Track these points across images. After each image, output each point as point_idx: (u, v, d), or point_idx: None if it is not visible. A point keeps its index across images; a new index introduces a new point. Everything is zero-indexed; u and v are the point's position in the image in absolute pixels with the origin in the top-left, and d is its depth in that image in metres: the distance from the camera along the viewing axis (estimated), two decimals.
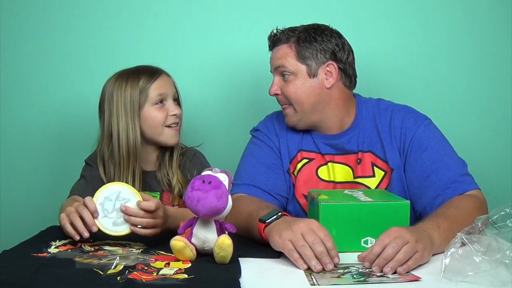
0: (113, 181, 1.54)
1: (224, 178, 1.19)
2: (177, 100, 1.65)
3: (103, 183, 1.59)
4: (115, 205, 1.31)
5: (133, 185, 1.51)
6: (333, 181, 1.54)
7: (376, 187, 1.51)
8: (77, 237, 1.29)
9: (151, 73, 1.60)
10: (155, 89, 1.58)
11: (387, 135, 1.53)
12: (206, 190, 1.15)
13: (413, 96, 1.95)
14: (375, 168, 1.53)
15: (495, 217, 1.12)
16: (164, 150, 1.65)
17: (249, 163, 1.58)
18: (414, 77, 2.00)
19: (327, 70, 1.52)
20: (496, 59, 1.99)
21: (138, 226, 1.30)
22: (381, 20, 1.98)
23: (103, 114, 1.60)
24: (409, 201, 1.30)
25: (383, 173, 1.52)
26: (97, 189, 1.38)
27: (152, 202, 1.31)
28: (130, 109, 1.56)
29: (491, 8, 1.98)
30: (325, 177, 1.55)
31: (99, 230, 1.30)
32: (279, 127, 1.62)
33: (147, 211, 1.30)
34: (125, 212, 1.29)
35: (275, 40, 1.57)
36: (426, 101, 1.91)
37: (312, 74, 1.52)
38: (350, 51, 1.57)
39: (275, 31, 1.57)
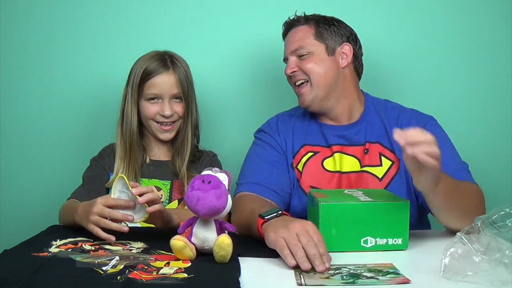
0: (125, 160, 1.64)
1: (223, 178, 1.19)
2: (179, 99, 1.65)
3: (100, 183, 1.61)
4: (129, 196, 1.32)
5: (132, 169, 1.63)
6: (339, 171, 1.56)
7: (383, 176, 1.54)
8: (113, 238, 1.30)
9: (154, 69, 1.63)
10: (149, 87, 1.63)
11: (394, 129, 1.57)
12: (205, 190, 1.16)
13: (413, 95, 1.96)
14: (382, 157, 1.56)
15: (495, 217, 1.11)
16: (175, 140, 1.69)
17: (252, 162, 1.60)
18: (414, 77, 2.01)
19: (342, 52, 1.61)
20: (497, 59, 1.99)
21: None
22: (381, 20, 1.98)
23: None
24: (409, 201, 1.29)
25: (391, 162, 1.55)
26: (92, 189, 1.56)
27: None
28: (131, 97, 1.64)
29: (489, 9, 1.98)
30: (331, 168, 1.57)
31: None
32: (283, 126, 1.65)
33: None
34: (139, 193, 1.30)
35: (293, 22, 1.64)
36: (426, 101, 1.92)
37: (329, 53, 1.59)
38: (361, 46, 1.65)
39: (291, 17, 1.65)
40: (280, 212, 1.27)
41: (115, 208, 1.31)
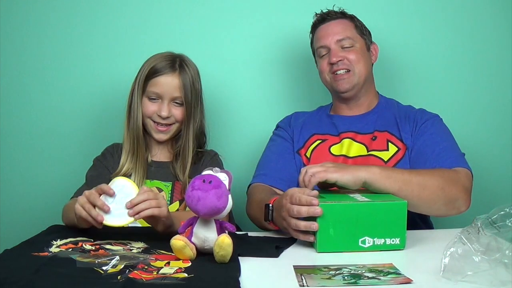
0: (131, 155, 1.65)
1: (224, 178, 1.19)
2: (179, 103, 1.65)
3: (104, 182, 1.61)
4: (115, 198, 1.30)
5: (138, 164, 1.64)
6: (344, 155, 1.63)
7: (389, 160, 1.59)
8: (99, 225, 1.29)
9: (161, 68, 1.63)
10: (152, 85, 1.63)
11: (402, 121, 1.66)
12: (206, 190, 1.16)
13: (416, 96, 1.97)
14: (389, 143, 1.63)
15: (495, 217, 1.11)
16: (175, 142, 1.69)
17: (264, 155, 1.72)
18: (417, 77, 2.01)
19: (372, 50, 1.75)
20: (500, 60, 2.00)
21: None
22: (385, 21, 1.98)
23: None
24: (406, 201, 1.29)
25: (397, 148, 1.62)
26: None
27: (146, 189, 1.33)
28: (137, 92, 1.64)
29: (493, 10, 1.99)
30: (337, 153, 1.65)
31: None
32: (296, 120, 1.76)
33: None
34: (130, 206, 1.29)
35: (328, 15, 1.70)
36: (428, 101, 1.91)
37: (367, 48, 1.73)
38: None
39: (324, 11, 1.73)
40: (269, 205, 1.39)
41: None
